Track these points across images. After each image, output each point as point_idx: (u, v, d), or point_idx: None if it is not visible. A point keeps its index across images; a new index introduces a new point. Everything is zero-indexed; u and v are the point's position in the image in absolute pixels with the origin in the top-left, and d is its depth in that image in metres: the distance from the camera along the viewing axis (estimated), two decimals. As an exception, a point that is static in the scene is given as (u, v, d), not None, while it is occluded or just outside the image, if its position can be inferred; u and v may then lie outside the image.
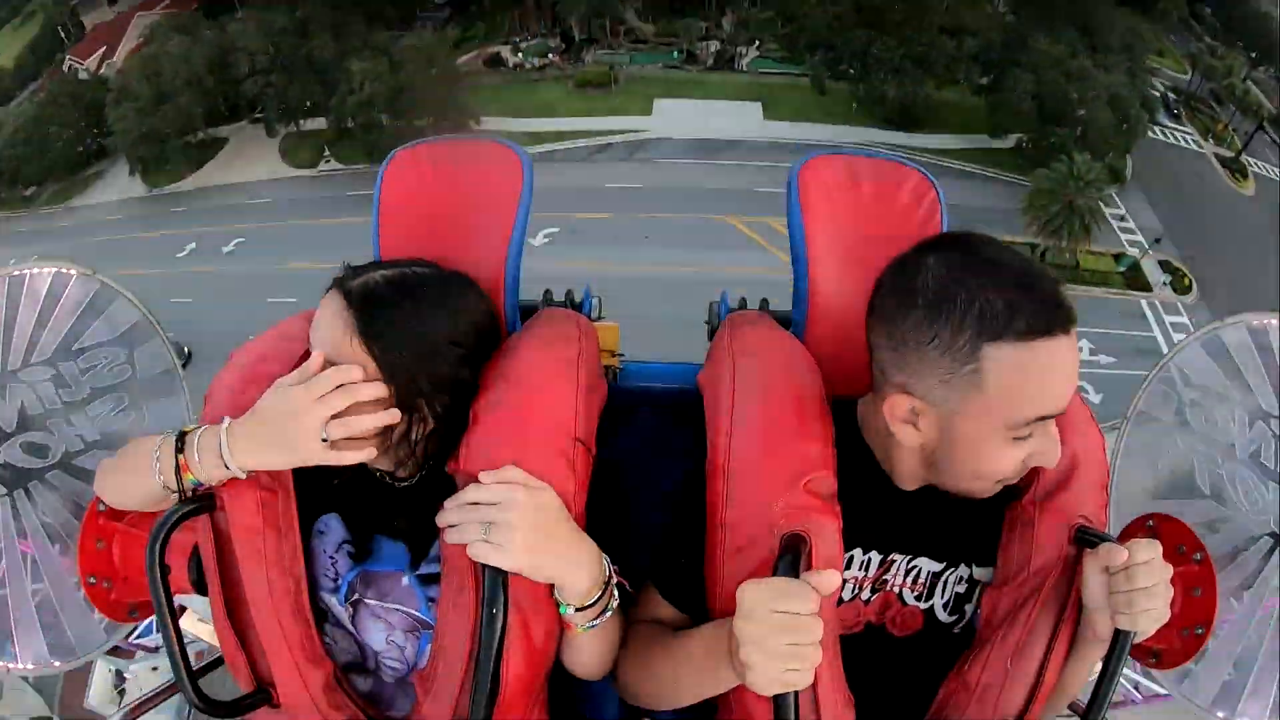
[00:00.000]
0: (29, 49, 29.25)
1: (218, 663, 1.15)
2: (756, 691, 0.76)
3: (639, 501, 1.06)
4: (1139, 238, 21.38)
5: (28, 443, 1.29)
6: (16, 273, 1.31)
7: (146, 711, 1.22)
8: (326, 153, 22.95)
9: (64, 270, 1.34)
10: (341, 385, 0.89)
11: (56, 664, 1.28)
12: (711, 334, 1.28)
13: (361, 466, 1.07)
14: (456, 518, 0.87)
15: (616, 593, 0.93)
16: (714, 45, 22.06)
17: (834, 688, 0.90)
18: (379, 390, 0.91)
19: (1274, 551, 1.18)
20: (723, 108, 20.72)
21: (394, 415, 0.92)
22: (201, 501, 0.97)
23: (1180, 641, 1.00)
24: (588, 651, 0.96)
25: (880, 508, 0.98)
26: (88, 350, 1.34)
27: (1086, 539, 0.91)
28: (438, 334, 0.96)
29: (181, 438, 0.93)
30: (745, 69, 21.64)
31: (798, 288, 1.20)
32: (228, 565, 0.98)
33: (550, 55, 22.17)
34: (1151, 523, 1.04)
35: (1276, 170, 23.23)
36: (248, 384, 1.03)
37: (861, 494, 0.96)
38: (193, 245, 21.68)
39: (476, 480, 0.91)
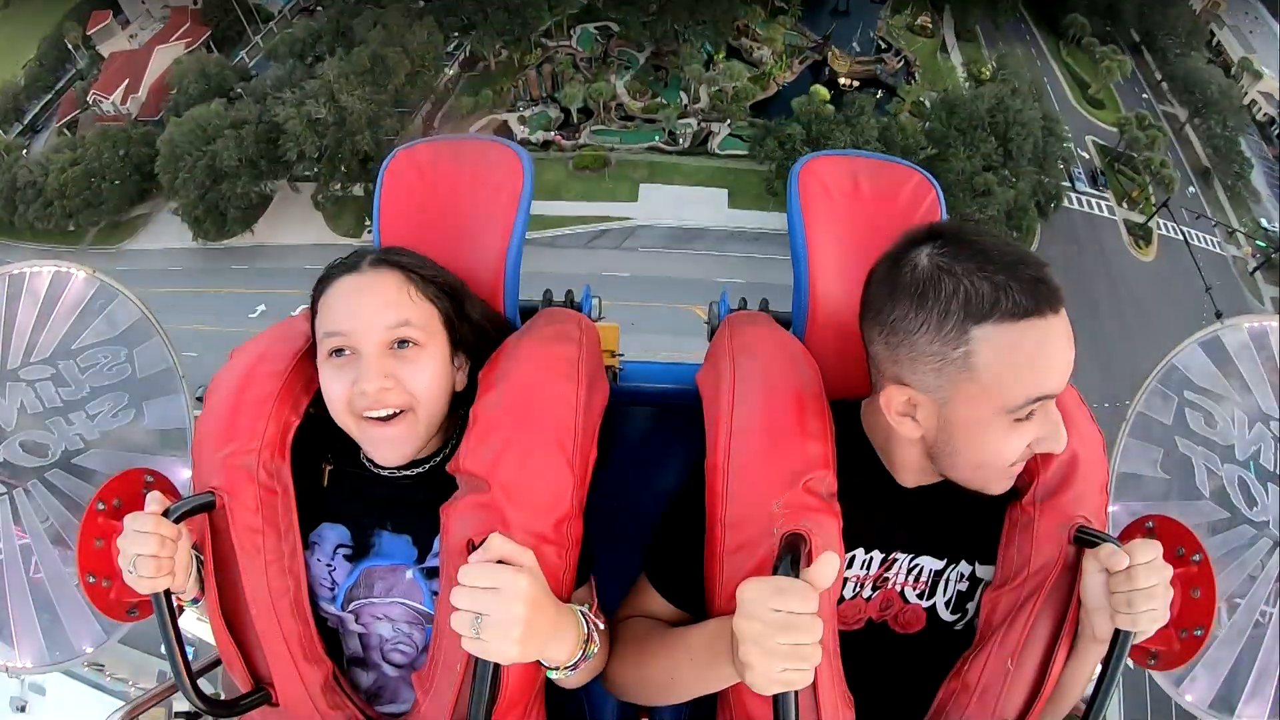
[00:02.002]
0: (38, 63, 29.26)
1: (217, 662, 1.15)
2: (756, 690, 0.76)
3: (638, 500, 1.06)
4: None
5: (27, 441, 1.29)
6: (16, 271, 1.31)
7: (146, 710, 1.22)
8: (368, 221, 23.22)
9: (63, 269, 1.34)
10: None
11: (55, 663, 1.28)
12: (711, 334, 1.27)
13: (359, 466, 1.07)
14: (455, 601, 0.82)
15: (596, 638, 0.92)
16: (691, 125, 23.45)
17: (834, 688, 0.90)
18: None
19: (1273, 553, 1.18)
20: (695, 195, 22.58)
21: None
22: (202, 501, 0.97)
23: (1179, 643, 1.00)
24: (569, 681, 0.95)
25: (882, 508, 0.98)
26: (87, 349, 1.33)
27: (1086, 539, 0.90)
28: (445, 275, 1.08)
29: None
30: (717, 150, 23.30)
31: (798, 287, 1.20)
32: (226, 564, 0.98)
33: (551, 132, 23.62)
34: (1151, 524, 1.04)
35: (1188, 231, 24.24)
36: (247, 383, 1.03)
37: (864, 494, 0.96)
38: (263, 307, 22.23)
39: (477, 479, 0.91)
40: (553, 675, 0.90)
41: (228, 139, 21.90)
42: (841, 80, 25.64)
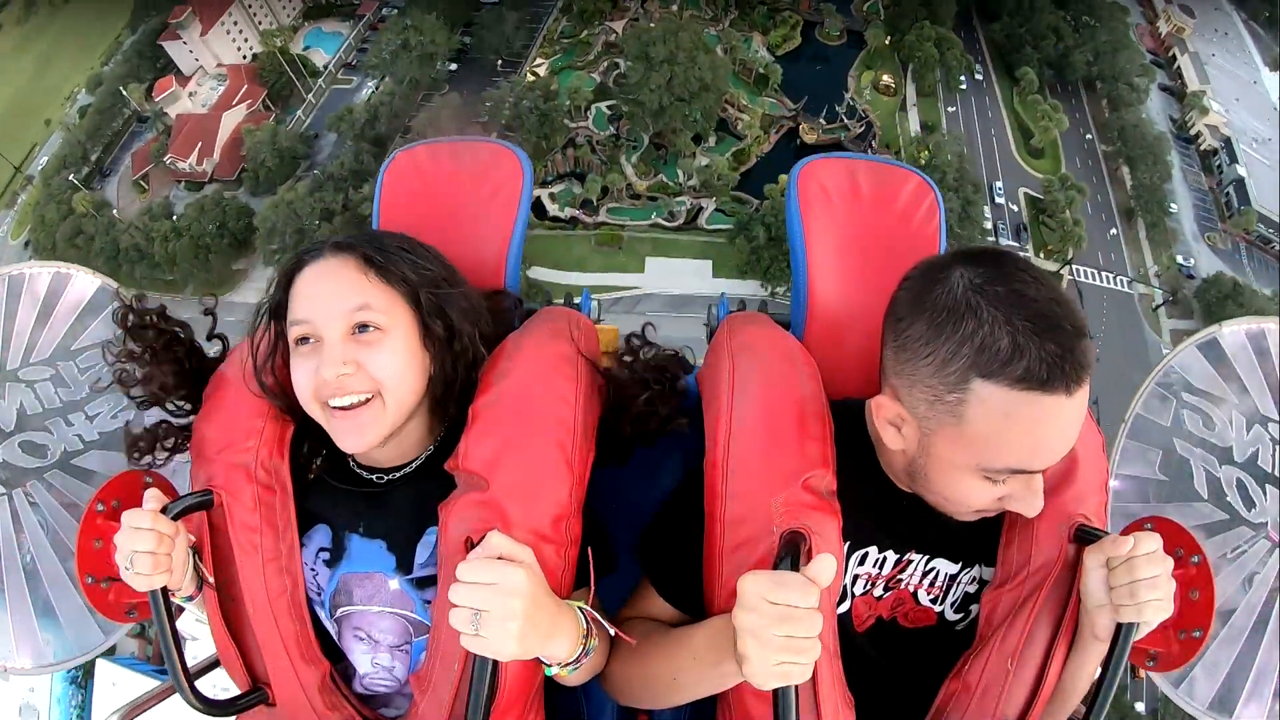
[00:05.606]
0: (97, 113, 32.30)
1: (216, 663, 1.15)
2: (754, 684, 0.75)
3: (637, 500, 1.06)
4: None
5: (27, 442, 1.29)
6: (16, 272, 1.31)
7: (145, 711, 1.22)
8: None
9: (63, 270, 1.34)
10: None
11: (54, 664, 1.28)
12: (710, 335, 1.27)
13: (338, 465, 1.06)
14: (454, 598, 0.82)
15: (596, 635, 0.92)
16: (684, 203, 27.39)
17: (834, 687, 0.89)
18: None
19: (1272, 554, 1.18)
20: (686, 266, 27.13)
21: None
22: (200, 499, 0.97)
23: (1178, 644, 1.00)
24: (569, 678, 0.95)
25: (891, 507, 0.98)
26: (87, 350, 1.33)
27: (1087, 537, 0.91)
28: (422, 255, 1.04)
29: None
30: (705, 225, 27.15)
31: (796, 288, 1.20)
32: (224, 563, 0.98)
33: (577, 210, 27.27)
34: (1149, 525, 1.04)
35: (1097, 273, 26.88)
36: (247, 380, 1.03)
37: (871, 494, 0.96)
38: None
39: (476, 477, 0.91)
40: (552, 673, 0.90)
41: (319, 223, 24.81)
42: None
